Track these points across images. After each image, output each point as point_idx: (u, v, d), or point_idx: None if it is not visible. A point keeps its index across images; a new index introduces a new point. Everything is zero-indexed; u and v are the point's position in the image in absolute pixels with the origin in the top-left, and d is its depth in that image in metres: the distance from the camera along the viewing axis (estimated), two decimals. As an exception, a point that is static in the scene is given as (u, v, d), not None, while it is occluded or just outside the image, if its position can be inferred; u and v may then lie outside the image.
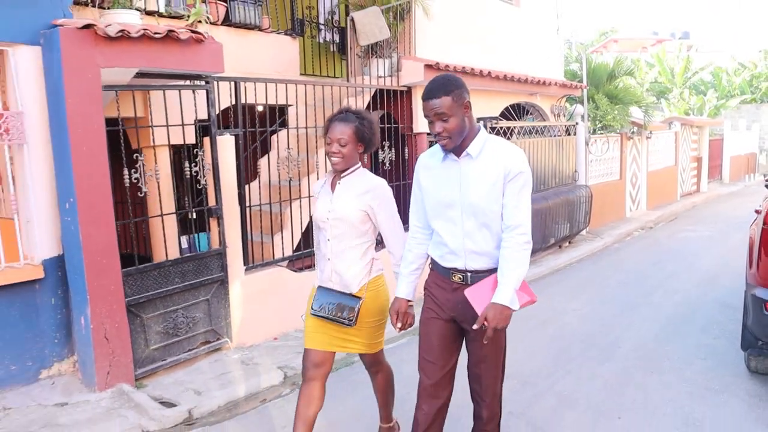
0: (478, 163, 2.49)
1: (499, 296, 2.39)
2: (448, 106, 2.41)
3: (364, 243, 2.87)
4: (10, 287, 3.89)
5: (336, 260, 2.87)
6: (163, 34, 3.99)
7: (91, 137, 3.81)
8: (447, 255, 2.61)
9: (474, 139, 2.50)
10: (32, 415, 3.71)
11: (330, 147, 2.82)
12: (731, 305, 5.68)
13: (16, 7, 3.75)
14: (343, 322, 2.81)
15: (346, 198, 2.84)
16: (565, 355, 4.58)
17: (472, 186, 2.50)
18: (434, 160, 2.64)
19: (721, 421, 3.45)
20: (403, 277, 2.78)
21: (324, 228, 2.90)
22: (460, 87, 2.46)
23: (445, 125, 2.43)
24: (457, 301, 2.59)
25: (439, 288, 2.66)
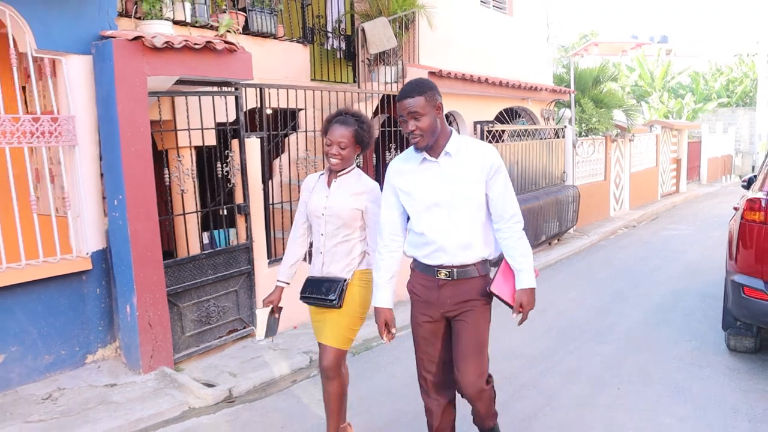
0: (456, 160, 2.65)
1: (525, 282, 2.64)
2: (422, 106, 2.55)
3: (354, 238, 3.02)
4: (61, 278, 4.27)
5: (327, 254, 3.03)
6: (202, 45, 4.41)
7: (139, 139, 4.21)
8: (433, 253, 2.69)
9: (449, 140, 2.65)
10: (86, 394, 4.09)
11: (330, 149, 2.95)
12: (711, 295, 6.25)
13: (68, 20, 4.14)
14: (331, 303, 2.95)
15: (342, 196, 2.98)
16: (566, 338, 5.09)
17: (455, 182, 2.64)
18: (410, 164, 2.74)
19: (706, 389, 3.98)
20: (382, 287, 2.82)
21: (317, 223, 3.05)
22: (433, 89, 2.62)
23: (418, 123, 2.56)
24: (445, 298, 2.70)
25: (425, 288, 2.75)
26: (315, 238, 3.09)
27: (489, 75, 7.98)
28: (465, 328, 2.70)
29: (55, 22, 4.07)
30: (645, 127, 14.70)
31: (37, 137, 4.04)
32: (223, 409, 4.00)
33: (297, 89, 5.52)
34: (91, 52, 4.23)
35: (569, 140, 10.40)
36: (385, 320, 2.79)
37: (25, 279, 4.04)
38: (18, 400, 3.99)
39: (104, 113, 4.19)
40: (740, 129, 23.10)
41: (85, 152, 4.30)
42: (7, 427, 3.63)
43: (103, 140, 4.26)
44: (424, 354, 2.81)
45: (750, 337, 4.43)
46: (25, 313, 4.12)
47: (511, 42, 9.29)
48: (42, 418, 3.76)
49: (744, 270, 4.19)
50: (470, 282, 2.69)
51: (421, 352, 2.82)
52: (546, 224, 9.25)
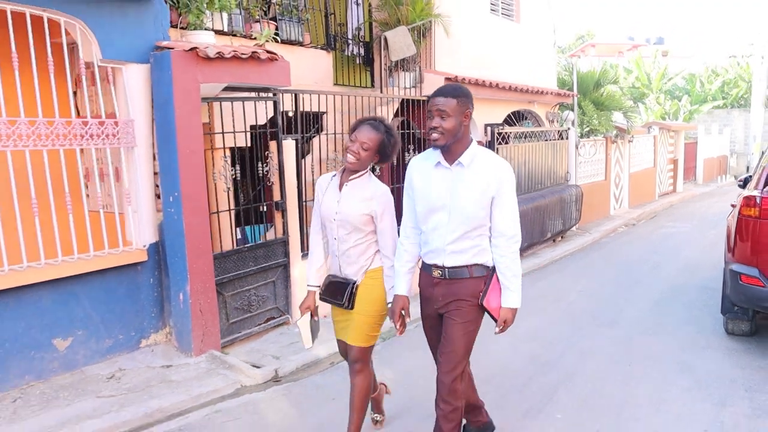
0: (468, 171, 2.75)
1: (511, 302, 2.83)
2: (452, 107, 2.68)
3: (367, 241, 3.11)
4: (120, 268, 4.71)
5: (342, 257, 3.14)
6: (248, 55, 4.88)
7: (193, 141, 4.67)
8: (430, 253, 2.89)
9: (466, 150, 2.76)
10: (146, 374, 4.54)
11: (352, 146, 3.02)
12: (709, 288, 6.77)
13: (128, 32, 4.58)
14: (340, 304, 3.11)
15: (352, 201, 3.06)
16: (578, 323, 5.59)
17: (462, 192, 2.74)
18: (427, 165, 2.88)
19: (707, 366, 4.49)
20: (400, 275, 2.99)
21: (330, 228, 3.15)
22: (468, 97, 2.76)
23: (443, 122, 2.69)
24: (438, 295, 2.89)
25: (425, 284, 2.96)
26: (329, 241, 3.21)
27: (498, 80, 8.48)
28: (449, 325, 2.86)
29: (117, 33, 4.51)
30: (643, 129, 15.27)
31: (102, 139, 4.48)
32: (272, 387, 4.46)
33: (327, 94, 5.99)
34: (149, 61, 4.68)
35: (572, 141, 10.92)
36: (402, 307, 2.96)
37: (90, 269, 4.49)
38: (85, 378, 4.43)
39: (161, 117, 4.64)
40: (735, 130, 23.78)
41: (142, 153, 4.75)
42: (82, 401, 4.07)
43: (159, 142, 4.71)
44: (429, 341, 3.11)
45: (746, 320, 4.94)
46: (90, 299, 4.56)
47: (517, 47, 9.80)
48: (112, 393, 4.20)
49: (741, 260, 4.70)
50: (461, 282, 2.83)
51: (429, 341, 3.11)
52: (551, 222, 9.75)
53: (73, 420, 3.82)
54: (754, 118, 21.48)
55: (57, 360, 4.42)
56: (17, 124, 4.00)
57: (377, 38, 7.85)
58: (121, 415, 3.90)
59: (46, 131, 4.14)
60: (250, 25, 6.16)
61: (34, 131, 4.08)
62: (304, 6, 6.79)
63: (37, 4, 4.09)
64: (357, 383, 3.19)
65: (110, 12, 4.45)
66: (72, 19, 4.27)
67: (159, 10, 4.78)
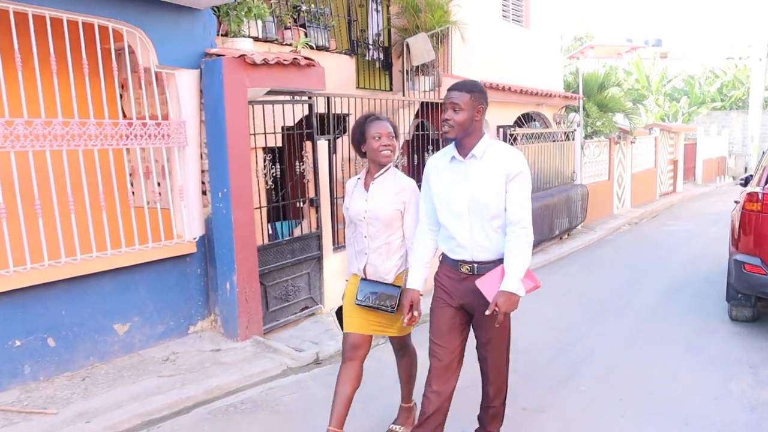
0: (482, 163, 2.84)
1: (506, 285, 2.76)
2: (465, 101, 2.78)
3: (398, 238, 3.20)
4: (172, 259, 5.14)
5: (373, 255, 3.21)
6: (290, 61, 5.33)
7: (240, 141, 5.11)
8: (455, 248, 2.93)
9: (478, 143, 2.85)
10: (197, 357, 4.97)
11: (380, 141, 3.11)
12: (712, 280, 7.25)
13: (181, 40, 5.02)
14: (386, 310, 3.14)
15: (382, 198, 3.15)
16: (591, 312, 6.06)
17: (477, 184, 2.83)
18: (443, 161, 2.97)
19: (713, 347, 4.96)
20: (415, 269, 3.07)
21: (360, 226, 3.23)
22: (482, 93, 2.85)
23: (455, 115, 2.78)
24: (466, 290, 2.91)
25: (449, 278, 2.98)
26: (358, 239, 3.28)
27: (509, 83, 8.96)
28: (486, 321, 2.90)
29: (171, 41, 4.95)
30: (645, 130, 15.79)
31: (158, 139, 4.92)
32: (315, 369, 4.89)
33: (356, 98, 6.44)
34: (199, 67, 5.12)
35: (578, 142, 11.41)
36: (411, 300, 3.01)
37: (147, 259, 4.92)
38: (143, 361, 4.86)
39: (212, 119, 5.08)
40: (733, 131, 24.40)
41: (192, 152, 5.19)
42: (145, 380, 4.50)
43: (209, 142, 5.15)
44: (435, 338, 3.02)
45: (749, 307, 5.42)
46: (145, 288, 5.00)
47: (527, 51, 10.29)
48: (171, 373, 4.63)
49: (744, 250, 5.19)
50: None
51: (433, 335, 3.03)
52: (559, 220, 10.23)
53: (141, 396, 4.24)
54: (752, 119, 22.09)
55: (117, 343, 4.85)
56: (87, 126, 4.43)
57: (396, 43, 8.32)
58: (184, 391, 4.33)
59: (111, 132, 4.57)
60: (282, 31, 6.60)
61: (101, 131, 4.51)
62: (330, 13, 7.24)
63: (105, 15, 4.53)
64: (403, 362, 3.46)
65: (166, 22, 4.89)
66: (133, 28, 4.71)
67: (207, 19, 5.23)
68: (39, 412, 3.95)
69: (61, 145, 4.29)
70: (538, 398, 4.04)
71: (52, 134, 4.21)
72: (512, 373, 4.37)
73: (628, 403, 3.95)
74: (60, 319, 4.47)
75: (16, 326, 4.23)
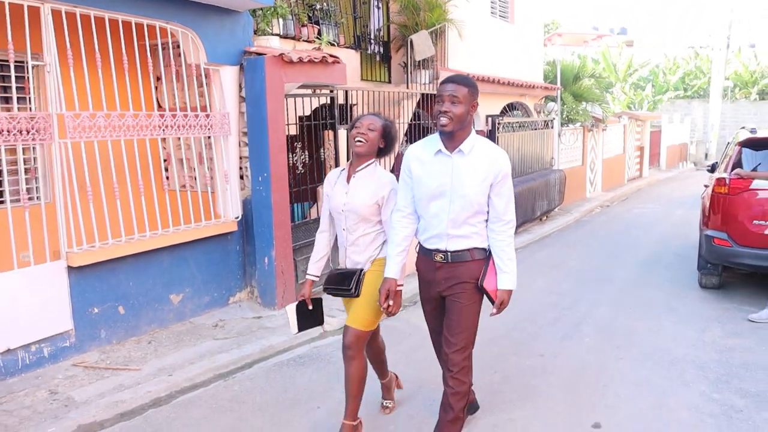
0: (469, 159, 2.93)
1: (507, 284, 3.00)
2: (463, 94, 2.85)
3: (375, 231, 3.30)
4: (216, 237, 5.83)
5: (351, 247, 3.34)
6: (319, 59, 6.05)
7: (279, 131, 5.82)
8: (431, 238, 3.06)
9: (467, 139, 2.94)
10: (243, 323, 5.70)
11: (358, 130, 3.20)
12: (682, 255, 8.30)
13: (225, 39, 5.68)
14: (348, 292, 3.25)
15: (361, 192, 3.23)
16: (580, 282, 7.01)
17: (464, 179, 2.91)
18: (426, 153, 3.03)
19: (688, 309, 5.96)
20: (392, 258, 3.10)
21: (339, 218, 3.33)
22: (476, 88, 2.96)
23: (453, 108, 2.84)
24: (440, 278, 3.08)
25: (426, 269, 3.15)
26: (338, 232, 3.41)
27: (497, 75, 9.83)
28: (454, 307, 3.06)
29: (217, 41, 5.61)
30: (615, 118, 16.94)
31: (207, 129, 5.60)
32: (348, 331, 5.68)
33: (369, 91, 7.20)
34: (241, 64, 5.80)
35: (556, 130, 12.40)
36: (388, 289, 3.07)
37: (197, 237, 5.60)
38: (195, 327, 5.56)
39: (254, 111, 5.76)
40: (695, 119, 25.99)
41: (233, 140, 5.88)
42: (204, 342, 5.21)
43: (250, 132, 5.84)
44: (429, 324, 3.35)
45: (716, 275, 6.44)
46: (195, 262, 5.69)
47: (512, 45, 11.17)
48: (225, 336, 5.35)
49: (713, 226, 6.19)
50: (464, 266, 3.03)
51: (429, 324, 3.35)
52: (540, 202, 11.21)
53: (206, 355, 4.96)
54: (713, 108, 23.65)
55: (172, 312, 5.54)
56: (152, 117, 5.09)
57: (395, 38, 9.08)
58: (242, 350, 5.07)
59: (166, 122, 5.23)
60: (299, 28, 7.28)
61: (164, 123, 5.17)
62: (340, 11, 7.94)
63: (164, 18, 5.17)
64: (351, 372, 3.27)
65: (213, 23, 5.55)
66: (187, 29, 5.36)
67: (246, 20, 5.90)
68: (124, 368, 4.64)
69: (130, 135, 4.94)
70: (550, 347, 4.94)
71: (115, 125, 4.82)
72: (524, 330, 5.29)
73: (624, 350, 4.88)
74: (128, 289, 5.14)
75: (95, 295, 4.88)
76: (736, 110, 25.84)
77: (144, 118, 5.06)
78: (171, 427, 3.82)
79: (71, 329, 4.73)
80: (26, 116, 4.31)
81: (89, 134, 4.66)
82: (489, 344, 4.81)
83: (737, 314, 5.73)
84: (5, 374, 4.33)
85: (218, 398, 4.22)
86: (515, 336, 5.18)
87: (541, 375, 4.42)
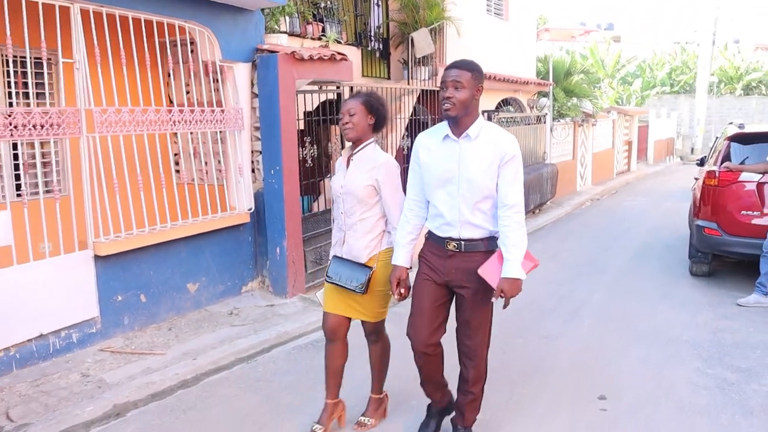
0: (476, 144, 2.92)
1: (509, 271, 2.87)
2: (466, 79, 2.84)
3: (373, 216, 3.27)
4: (229, 228, 6.09)
5: (348, 232, 3.31)
6: (328, 57, 6.32)
7: (290, 126, 6.09)
8: (443, 226, 3.03)
9: (474, 123, 2.94)
10: (257, 311, 5.97)
11: (342, 119, 3.23)
12: (672, 246, 8.70)
13: (238, 37, 5.94)
14: (354, 290, 3.21)
15: (357, 173, 3.24)
16: (576, 272, 7.37)
17: (470, 164, 2.91)
18: (434, 140, 3.04)
19: (681, 294, 6.34)
20: (401, 246, 3.12)
21: (338, 202, 3.34)
22: (481, 73, 2.96)
23: (456, 93, 2.83)
24: (451, 268, 3.03)
25: (435, 255, 3.08)
26: (336, 216, 3.42)
27: (493, 72, 10.15)
28: (468, 300, 3.04)
29: (231, 38, 5.86)
30: (605, 113, 17.38)
31: (223, 123, 5.85)
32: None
33: (369, 87, 7.47)
34: (252, 61, 6.06)
35: (548, 125, 12.77)
36: (399, 278, 3.11)
37: (212, 228, 5.85)
38: (211, 315, 5.83)
39: (267, 107, 6.02)
40: (681, 114, 26.59)
41: (246, 135, 6.14)
42: (222, 329, 5.47)
43: (263, 127, 6.10)
44: (416, 311, 3.15)
45: (706, 263, 6.83)
46: (210, 253, 5.94)
47: (506, 42, 11.51)
48: (242, 323, 5.62)
49: (704, 217, 6.57)
50: (476, 255, 3.00)
51: (414, 309, 3.16)
52: (533, 196, 11.57)
53: (226, 340, 5.23)
54: (699, 103, 24.21)
55: (189, 300, 5.80)
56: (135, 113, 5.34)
57: (394, 35, 9.37)
58: (259, 336, 5.34)
59: (184, 117, 5.48)
60: (305, 26, 7.55)
61: (182, 117, 5.43)
62: (342, 9, 8.22)
63: (182, 17, 5.42)
64: (374, 349, 3.48)
65: (228, 22, 5.80)
66: (203, 28, 5.61)
67: (258, 19, 6.16)
68: (149, 352, 4.91)
69: (152, 130, 5.20)
70: (553, 330, 5.28)
71: (138, 120, 5.07)
72: (526, 315, 5.62)
73: (622, 331, 5.24)
74: (149, 278, 5.39)
75: (119, 284, 5.13)
76: (721, 105, 26.49)
77: (165, 114, 5.31)
78: (204, 404, 4.10)
79: (97, 316, 4.98)
80: (57, 111, 4.55)
81: (115, 129, 4.90)
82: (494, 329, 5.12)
83: (727, 299, 6.12)
84: (38, 358, 4.57)
85: (245, 378, 4.51)
86: (518, 321, 5.50)
87: (546, 354, 4.76)
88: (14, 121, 4.26)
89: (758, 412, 3.77)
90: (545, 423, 3.70)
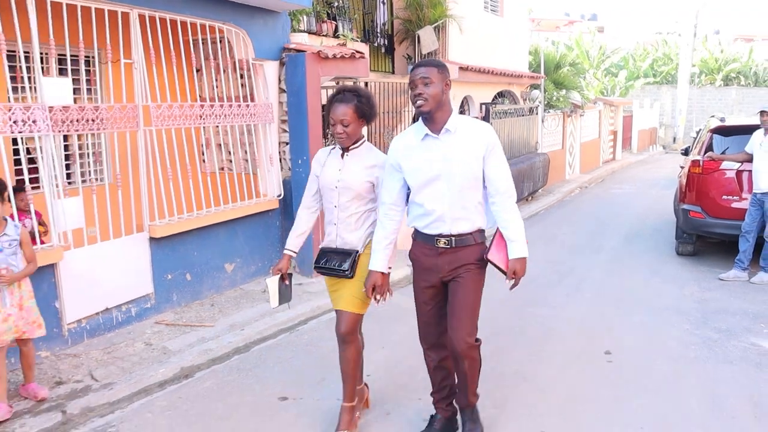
0: (458, 137, 2.99)
1: (518, 252, 3.03)
2: (434, 75, 2.93)
3: (367, 209, 3.34)
4: (261, 213, 6.73)
5: (341, 225, 3.33)
6: (349, 55, 6.97)
7: (316, 119, 6.73)
8: (433, 223, 3.07)
9: (450, 118, 3.00)
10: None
11: (335, 128, 3.20)
12: (660, 229, 9.52)
13: (268, 37, 6.56)
14: (343, 273, 3.25)
15: (355, 169, 3.26)
16: (572, 252, 8.14)
17: (456, 158, 2.98)
18: (414, 139, 3.08)
19: (669, 271, 7.14)
20: (377, 252, 3.16)
21: (331, 195, 3.32)
22: (446, 68, 3.01)
23: (426, 89, 2.90)
24: (443, 264, 3.10)
25: (426, 256, 3.14)
26: (328, 210, 3.39)
27: (490, 66, 10.88)
28: (459, 288, 3.10)
29: (262, 38, 6.48)
30: (592, 104, 18.21)
31: (255, 117, 6.48)
32: (379, 295, 6.67)
33: (380, 82, 8.15)
34: (281, 59, 6.68)
35: (540, 116, 13.53)
36: (374, 283, 3.15)
37: (246, 213, 6.49)
38: (246, 293, 6.47)
39: (295, 101, 6.66)
40: (664, 104, 27.64)
41: (275, 127, 6.78)
42: (259, 305, 6.11)
43: (291, 120, 6.73)
44: (422, 317, 3.26)
45: (691, 244, 7.65)
46: (243, 236, 6.59)
47: (502, 37, 12.23)
48: (276, 299, 6.28)
49: (689, 202, 7.37)
50: (467, 249, 3.09)
51: (420, 314, 3.27)
52: (526, 183, 12.33)
53: (266, 314, 5.87)
54: (680, 93, 25.23)
55: (226, 279, 6.44)
56: (183, 107, 5.96)
57: (398, 32, 10.04)
58: (295, 310, 5.99)
59: (224, 111, 6.11)
60: (320, 24, 8.18)
61: (223, 112, 6.05)
62: (353, 7, 8.86)
63: (220, 19, 6.02)
64: (346, 355, 3.39)
65: (258, 23, 6.42)
66: (238, 29, 6.22)
67: (285, 20, 6.79)
68: (199, 325, 5.55)
69: (198, 123, 5.82)
70: (557, 302, 6.03)
71: (187, 115, 5.69)
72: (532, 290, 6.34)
73: (619, 302, 6.01)
74: (193, 259, 6.02)
75: (169, 263, 5.76)
76: (702, 95, 27.57)
77: (208, 108, 5.93)
78: (265, 364, 4.77)
79: (152, 292, 5.61)
80: (119, 107, 5.15)
81: (167, 123, 5.52)
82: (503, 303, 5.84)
83: (709, 275, 6.94)
84: (105, 330, 5.20)
85: (294, 344, 5.18)
86: (524, 296, 6.18)
87: (554, 321, 5.51)
88: (86, 115, 4.86)
89: (737, 362, 4.57)
90: (564, 372, 4.44)
